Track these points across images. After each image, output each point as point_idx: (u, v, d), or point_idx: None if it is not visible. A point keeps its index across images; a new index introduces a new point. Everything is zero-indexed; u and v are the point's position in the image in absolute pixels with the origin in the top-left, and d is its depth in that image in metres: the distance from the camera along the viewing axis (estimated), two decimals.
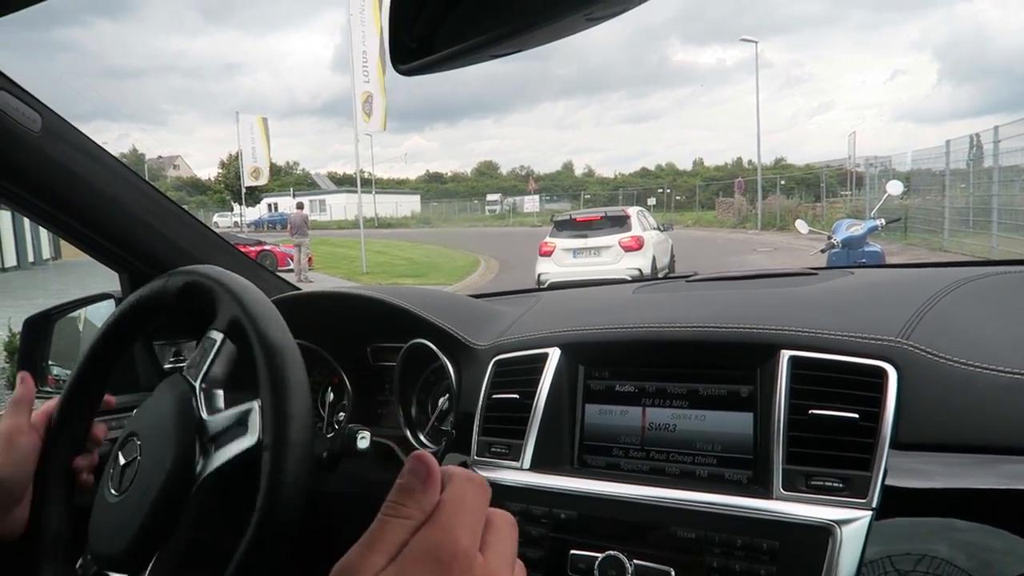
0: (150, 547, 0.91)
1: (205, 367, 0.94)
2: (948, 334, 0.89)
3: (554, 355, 1.10)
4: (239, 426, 0.90)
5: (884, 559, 0.77)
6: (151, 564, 0.90)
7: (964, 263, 1.26)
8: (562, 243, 11.33)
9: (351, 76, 14.18)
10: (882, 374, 0.85)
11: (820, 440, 0.85)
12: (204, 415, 0.93)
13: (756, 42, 28.44)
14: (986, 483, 0.76)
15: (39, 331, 1.65)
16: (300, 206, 17.74)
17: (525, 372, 1.11)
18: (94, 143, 1.31)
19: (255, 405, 0.91)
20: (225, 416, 0.93)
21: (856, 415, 0.84)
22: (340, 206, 53.45)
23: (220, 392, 0.95)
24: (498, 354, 1.18)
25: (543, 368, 1.09)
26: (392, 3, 0.64)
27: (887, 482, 0.80)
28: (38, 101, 1.19)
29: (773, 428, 0.88)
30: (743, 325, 0.98)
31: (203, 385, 0.94)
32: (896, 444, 0.81)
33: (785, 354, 0.91)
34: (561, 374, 1.09)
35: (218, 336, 0.95)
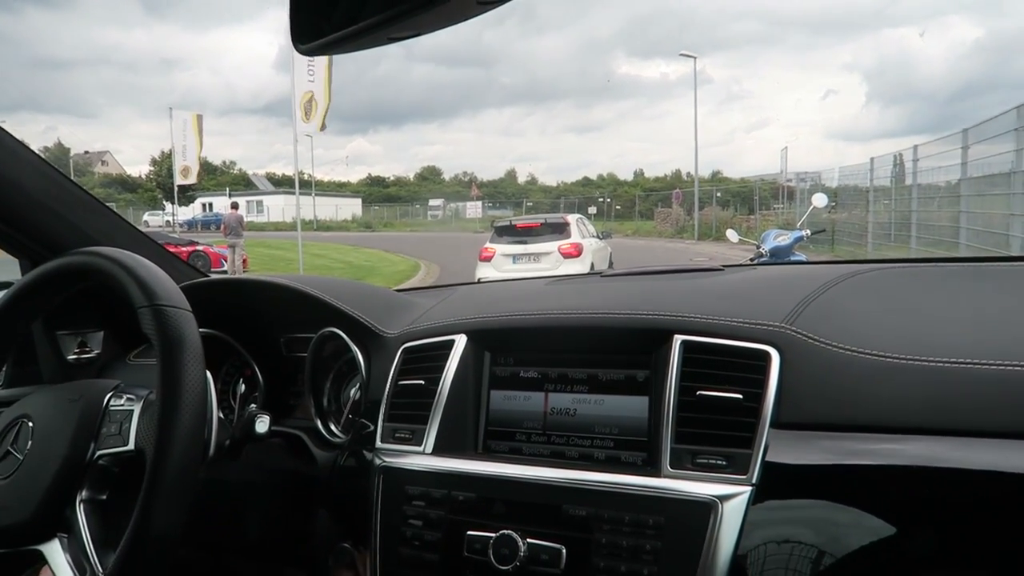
0: (38, 533, 0.88)
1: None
2: (830, 321, 0.94)
3: (460, 341, 1.11)
4: (118, 427, 0.90)
5: (761, 535, 0.81)
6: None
7: (856, 261, 1.33)
8: (502, 248, 11.37)
9: (291, 74, 13.92)
10: (766, 357, 0.89)
11: (707, 420, 0.88)
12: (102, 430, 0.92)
13: (695, 57, 29.22)
14: (857, 460, 0.80)
15: None
16: (235, 206, 17.27)
17: (432, 359, 1.12)
18: None
19: (135, 409, 0.90)
20: (112, 415, 0.92)
21: (740, 395, 0.87)
22: (278, 207, 52.37)
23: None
24: (406, 342, 1.18)
25: (449, 354, 1.10)
26: None
27: (767, 459, 0.83)
28: None
29: (664, 409, 0.91)
30: (639, 312, 1.01)
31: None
32: (777, 423, 0.85)
33: (678, 339, 0.94)
34: (467, 360, 1.10)
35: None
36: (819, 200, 7.74)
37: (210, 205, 51.39)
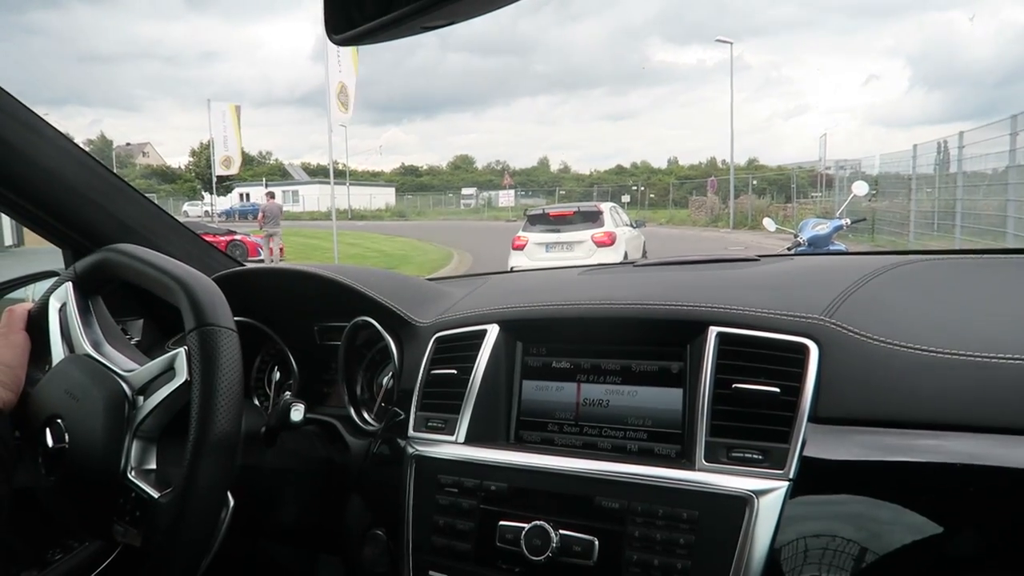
0: (104, 516, 0.91)
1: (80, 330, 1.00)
2: (871, 314, 0.91)
3: (493, 331, 1.11)
4: (168, 371, 0.91)
5: (797, 530, 0.79)
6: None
7: (897, 252, 1.29)
8: (535, 237, 11.36)
9: (325, 64, 14.02)
10: (804, 350, 0.87)
11: (743, 413, 0.87)
12: (121, 371, 0.93)
13: (731, 43, 28.76)
14: (899, 457, 0.78)
15: None
16: (271, 196, 17.50)
17: (464, 348, 1.12)
18: (34, 114, 1.28)
19: (181, 351, 0.91)
20: (153, 365, 0.93)
21: (777, 389, 0.85)
22: (313, 197, 53.04)
23: (111, 349, 0.97)
24: (439, 331, 1.18)
25: (481, 344, 1.10)
26: None
27: (804, 454, 0.82)
28: None
29: (699, 401, 0.90)
30: (674, 303, 1.00)
31: (94, 348, 0.97)
32: (815, 418, 0.83)
33: (713, 330, 0.93)
34: (499, 350, 1.09)
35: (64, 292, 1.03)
36: (859, 188, 7.56)
37: (247, 195, 52.29)
